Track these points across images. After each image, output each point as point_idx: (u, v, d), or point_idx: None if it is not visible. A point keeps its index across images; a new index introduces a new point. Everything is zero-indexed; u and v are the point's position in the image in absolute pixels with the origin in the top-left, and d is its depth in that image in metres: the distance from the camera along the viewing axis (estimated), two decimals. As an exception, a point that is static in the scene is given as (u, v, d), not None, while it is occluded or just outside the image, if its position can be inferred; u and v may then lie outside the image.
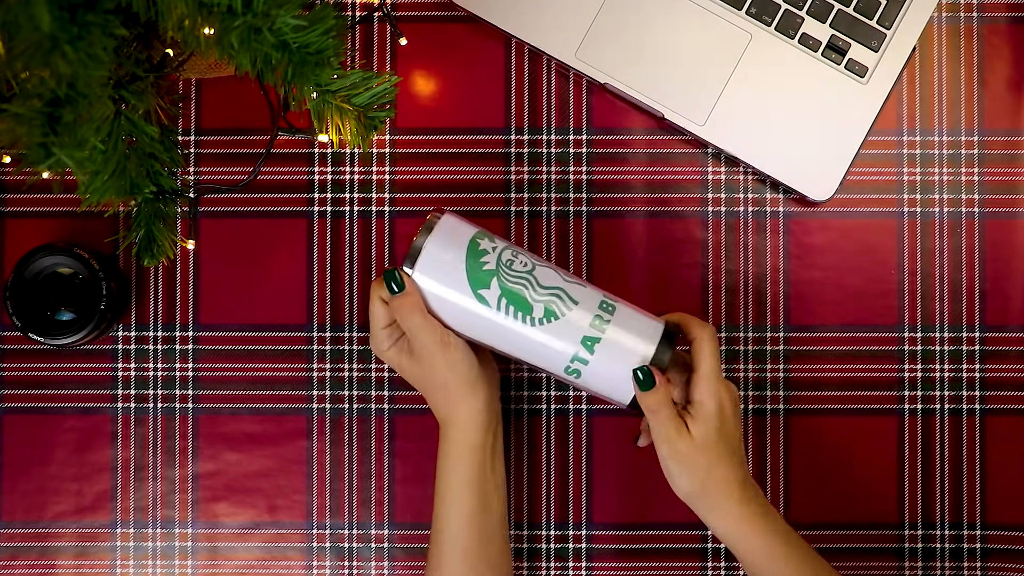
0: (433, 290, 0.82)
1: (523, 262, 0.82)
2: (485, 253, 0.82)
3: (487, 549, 0.87)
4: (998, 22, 0.97)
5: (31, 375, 0.97)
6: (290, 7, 0.68)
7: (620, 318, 0.82)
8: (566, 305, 0.82)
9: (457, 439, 0.86)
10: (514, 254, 0.83)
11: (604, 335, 0.81)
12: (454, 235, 0.83)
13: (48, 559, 0.96)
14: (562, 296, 0.82)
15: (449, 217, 0.84)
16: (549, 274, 0.83)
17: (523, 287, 0.82)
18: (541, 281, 0.82)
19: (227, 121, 0.97)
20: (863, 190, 0.97)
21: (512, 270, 0.82)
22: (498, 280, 0.82)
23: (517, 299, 0.81)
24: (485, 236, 0.83)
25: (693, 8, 0.95)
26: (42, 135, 0.65)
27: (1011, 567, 0.95)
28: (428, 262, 0.82)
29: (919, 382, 0.96)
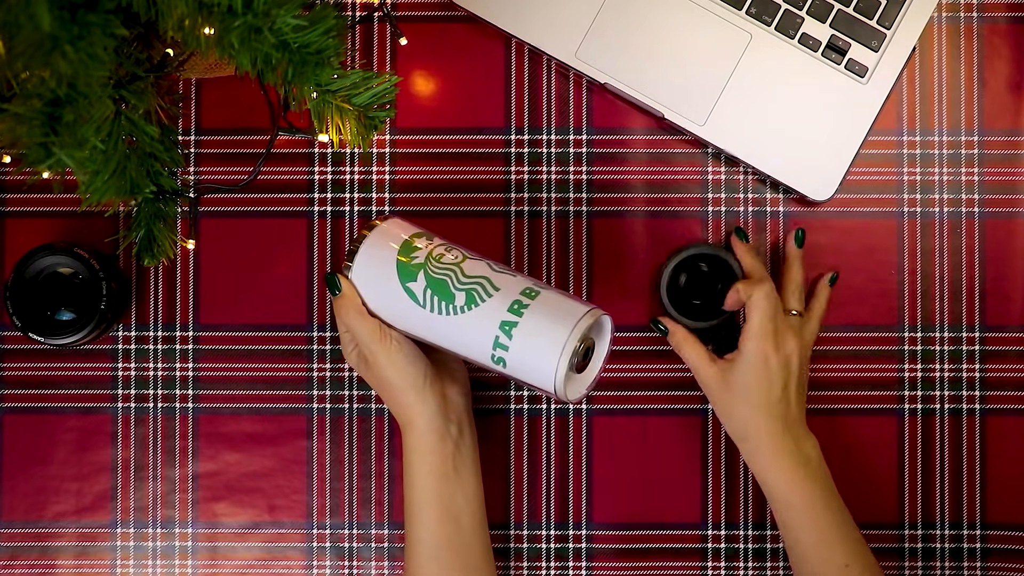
0: (368, 287, 0.84)
1: (455, 256, 0.83)
2: (416, 250, 0.84)
3: (462, 555, 0.87)
4: (998, 22, 0.97)
5: (31, 375, 0.97)
6: (290, 7, 0.68)
7: (541, 302, 0.81)
8: (487, 292, 0.81)
9: (412, 444, 0.86)
10: (447, 250, 0.84)
11: (521, 319, 0.80)
12: (390, 235, 0.85)
13: (48, 559, 0.96)
14: (484, 284, 0.82)
15: (390, 219, 0.86)
16: (478, 266, 0.83)
17: (447, 277, 0.82)
18: (466, 271, 0.82)
19: (227, 121, 0.97)
20: (863, 190, 0.97)
21: (439, 263, 0.83)
22: (424, 272, 0.83)
23: (441, 288, 0.82)
24: (423, 236, 0.85)
25: (693, 8, 0.95)
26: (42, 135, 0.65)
27: (1011, 567, 0.95)
28: (364, 260, 0.84)
29: (919, 382, 0.96)
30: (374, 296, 0.84)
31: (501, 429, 0.96)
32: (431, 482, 0.86)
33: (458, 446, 0.87)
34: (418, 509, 0.86)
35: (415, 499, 0.86)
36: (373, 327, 0.84)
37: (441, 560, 0.86)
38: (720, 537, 0.96)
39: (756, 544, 0.96)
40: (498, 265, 0.84)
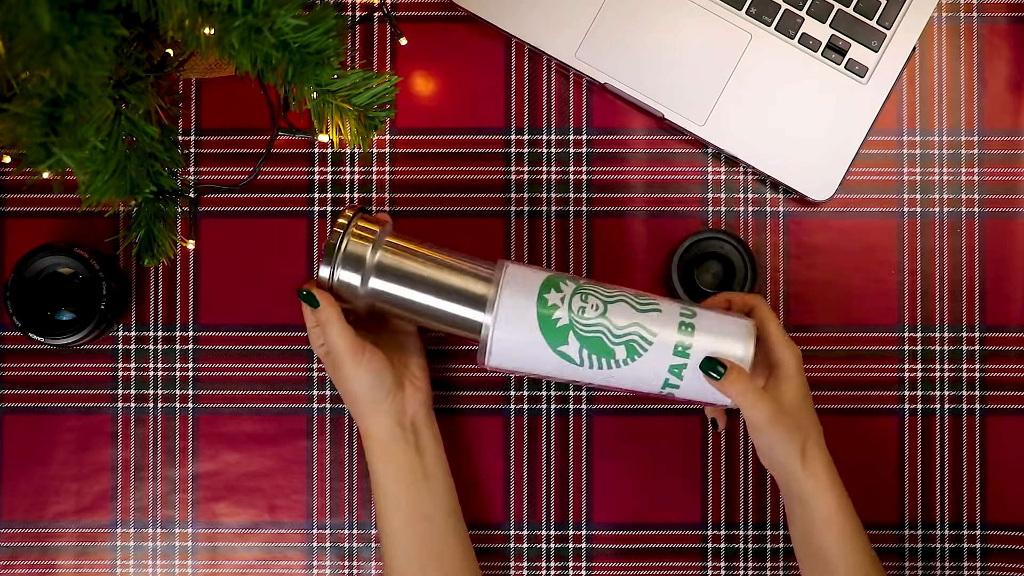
0: (513, 344, 0.82)
1: (594, 305, 0.82)
2: (556, 308, 0.82)
3: (437, 555, 0.87)
4: (998, 22, 0.97)
5: (31, 375, 0.97)
6: (290, 7, 0.68)
7: (701, 337, 0.82)
8: (645, 341, 0.82)
9: (373, 451, 0.88)
10: (583, 299, 0.82)
11: (689, 359, 0.82)
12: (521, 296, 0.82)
13: (48, 559, 0.96)
14: (640, 333, 0.82)
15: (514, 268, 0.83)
16: (622, 311, 0.82)
17: (600, 335, 0.82)
18: (615, 323, 0.82)
19: (227, 121, 0.97)
20: (863, 190, 0.97)
21: (584, 319, 0.82)
22: (574, 334, 0.82)
23: (597, 347, 0.82)
24: (551, 286, 0.83)
25: (693, 8, 0.95)
26: (42, 135, 0.66)
27: (1011, 567, 0.95)
28: (504, 316, 0.82)
29: (919, 382, 0.96)
30: (519, 353, 0.83)
31: (501, 429, 0.96)
32: (396, 487, 0.87)
33: (419, 450, 0.88)
34: (387, 515, 0.87)
35: (384, 506, 0.87)
36: (351, 342, 0.85)
37: (418, 561, 0.87)
38: (720, 537, 0.96)
39: (756, 544, 0.96)
40: (637, 298, 0.83)
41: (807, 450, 0.83)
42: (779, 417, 0.82)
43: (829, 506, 0.83)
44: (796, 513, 0.85)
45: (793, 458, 0.83)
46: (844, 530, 0.83)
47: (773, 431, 0.82)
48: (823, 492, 0.83)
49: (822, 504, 0.83)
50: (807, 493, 0.83)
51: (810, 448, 0.83)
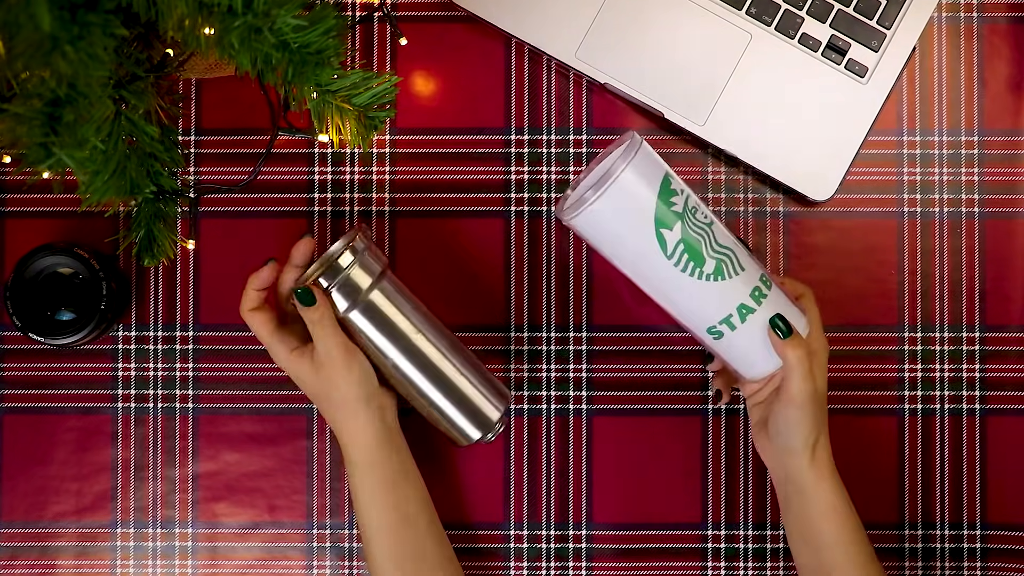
0: (613, 219, 0.78)
1: (704, 214, 0.80)
2: (675, 194, 0.79)
3: (420, 558, 0.87)
4: (998, 22, 0.97)
5: (31, 375, 0.97)
6: (290, 7, 0.68)
7: (775, 296, 0.81)
8: (734, 268, 0.80)
9: (357, 459, 0.86)
10: (697, 203, 0.80)
11: (759, 307, 0.81)
12: (651, 166, 0.78)
13: (48, 559, 0.96)
14: (732, 258, 0.80)
15: (646, 144, 0.80)
16: (724, 232, 0.81)
17: (702, 238, 0.79)
18: (718, 237, 0.80)
19: (227, 121, 0.97)
20: (863, 190, 0.97)
21: (696, 219, 0.79)
22: (682, 225, 0.78)
23: (693, 249, 0.79)
24: (671, 179, 0.80)
25: (693, 8, 0.95)
26: (42, 135, 0.66)
27: (1011, 567, 0.95)
28: (620, 188, 0.77)
29: (919, 382, 0.96)
30: (613, 228, 0.79)
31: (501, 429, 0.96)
32: (379, 489, 0.86)
33: (398, 452, 0.88)
34: (374, 523, 0.86)
35: (366, 508, 0.86)
36: (344, 341, 0.85)
37: (397, 561, 0.86)
38: (720, 537, 0.96)
39: (756, 544, 0.96)
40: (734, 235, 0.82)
41: (819, 442, 0.84)
42: (816, 398, 0.82)
43: (832, 498, 0.84)
44: (794, 503, 0.85)
45: (805, 446, 0.83)
46: (844, 522, 0.84)
47: (805, 410, 0.82)
48: (827, 485, 0.84)
49: (825, 496, 0.84)
50: (810, 484, 0.84)
51: (822, 440, 0.84)
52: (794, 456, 0.84)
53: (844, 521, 0.84)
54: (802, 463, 0.83)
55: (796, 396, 0.82)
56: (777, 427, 0.84)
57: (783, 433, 0.84)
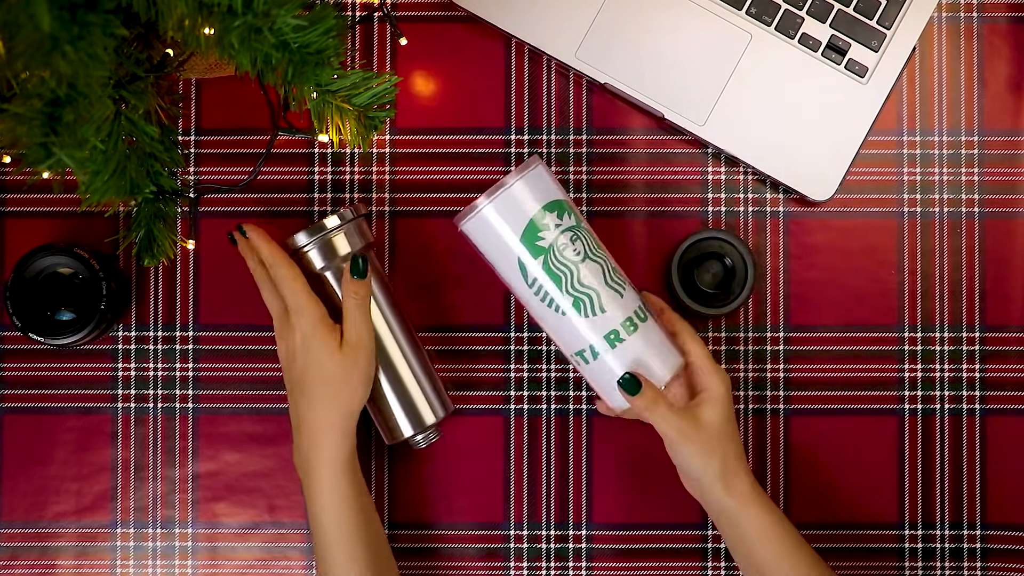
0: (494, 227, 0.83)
1: (576, 251, 0.84)
2: (547, 229, 0.83)
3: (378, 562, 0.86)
4: (998, 22, 0.97)
5: (31, 375, 0.97)
6: (290, 7, 0.68)
7: (638, 339, 0.84)
8: (591, 310, 0.83)
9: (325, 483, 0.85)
10: (572, 240, 0.84)
11: (613, 350, 0.84)
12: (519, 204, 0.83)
13: (48, 559, 0.96)
14: (592, 300, 0.83)
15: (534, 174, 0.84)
16: (593, 272, 0.84)
17: (562, 276, 0.83)
18: (582, 278, 0.83)
19: (227, 121, 0.97)
20: (863, 190, 0.97)
21: (561, 257, 0.83)
22: (544, 260, 0.83)
23: (552, 284, 0.83)
24: (555, 209, 0.84)
25: (693, 8, 0.95)
26: (42, 135, 0.66)
27: (1011, 567, 0.95)
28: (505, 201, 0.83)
29: (919, 382, 0.96)
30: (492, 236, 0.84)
31: (501, 429, 0.96)
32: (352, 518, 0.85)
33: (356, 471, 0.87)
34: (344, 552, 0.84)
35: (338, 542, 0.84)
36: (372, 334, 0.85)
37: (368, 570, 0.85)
38: (720, 537, 0.96)
39: (756, 544, 0.96)
40: (613, 272, 0.85)
41: (727, 467, 0.84)
42: (692, 432, 0.83)
43: (759, 522, 0.84)
44: (726, 530, 0.86)
45: (712, 476, 0.83)
46: (780, 540, 0.84)
47: (686, 446, 0.83)
48: (749, 508, 0.84)
49: (752, 520, 0.84)
50: (732, 511, 0.84)
51: (730, 466, 0.84)
52: (704, 489, 0.85)
53: (779, 539, 0.84)
54: (719, 494, 0.84)
55: (667, 437, 0.84)
56: (679, 468, 0.86)
57: (685, 472, 0.86)
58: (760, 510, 0.84)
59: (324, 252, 0.89)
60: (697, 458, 0.83)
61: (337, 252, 0.89)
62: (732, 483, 0.84)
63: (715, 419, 0.84)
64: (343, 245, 0.89)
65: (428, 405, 0.91)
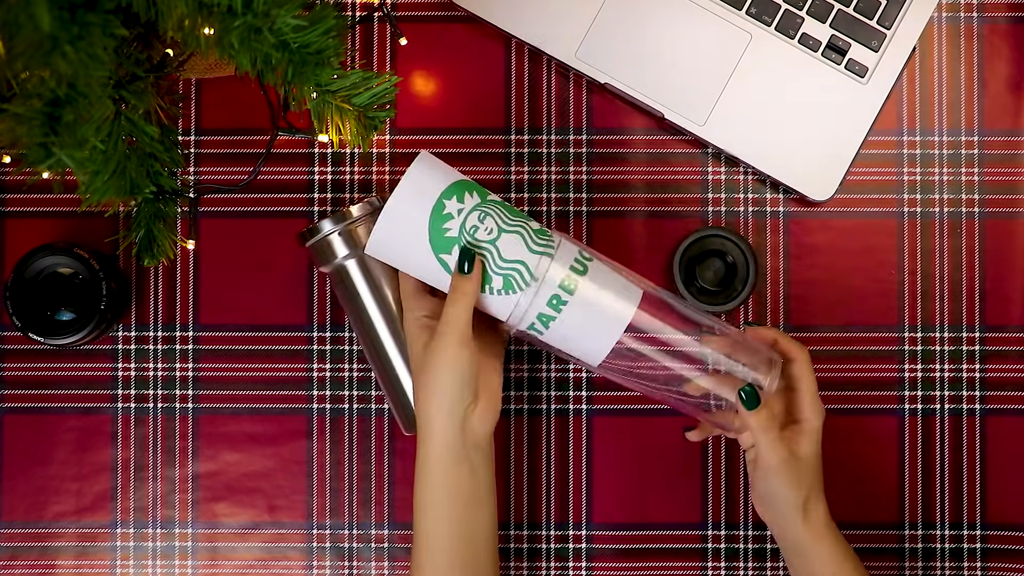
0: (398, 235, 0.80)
1: (488, 229, 0.80)
2: (450, 218, 0.80)
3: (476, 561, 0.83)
4: (998, 22, 0.97)
5: (31, 375, 0.97)
6: (290, 7, 0.68)
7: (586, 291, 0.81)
8: (524, 281, 0.80)
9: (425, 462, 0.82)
10: (481, 219, 0.80)
11: (559, 315, 0.81)
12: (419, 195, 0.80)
13: (48, 559, 0.96)
14: (521, 272, 0.80)
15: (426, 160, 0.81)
16: (514, 243, 0.80)
17: (485, 257, 0.80)
18: (503, 254, 0.80)
19: (227, 121, 0.97)
20: (863, 190, 0.97)
21: (475, 239, 0.80)
22: (459, 248, 0.80)
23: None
24: (454, 194, 0.81)
25: (693, 8, 0.95)
26: (42, 135, 0.66)
27: (1011, 567, 0.95)
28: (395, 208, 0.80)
29: (919, 382, 0.96)
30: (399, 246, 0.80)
31: (501, 429, 0.96)
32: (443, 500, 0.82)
33: (475, 471, 0.82)
34: (427, 524, 0.82)
35: (428, 518, 0.82)
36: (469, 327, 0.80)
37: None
38: (720, 537, 0.96)
39: (756, 544, 0.96)
40: (536, 235, 0.81)
41: (809, 502, 0.83)
42: (790, 463, 0.82)
43: (830, 558, 0.83)
44: (795, 564, 0.85)
45: (794, 509, 0.83)
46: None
47: (781, 476, 0.82)
48: (824, 547, 0.83)
49: (824, 555, 0.83)
50: (806, 546, 0.84)
51: (812, 500, 0.83)
52: (786, 519, 0.84)
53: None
54: (795, 525, 0.84)
55: (768, 463, 0.82)
56: (760, 493, 0.85)
57: (767, 499, 0.84)
58: (833, 546, 0.84)
59: (347, 240, 0.88)
60: (786, 488, 0.83)
61: (360, 241, 0.88)
62: (810, 516, 0.83)
63: (810, 452, 0.83)
64: (366, 235, 0.88)
65: None
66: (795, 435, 0.84)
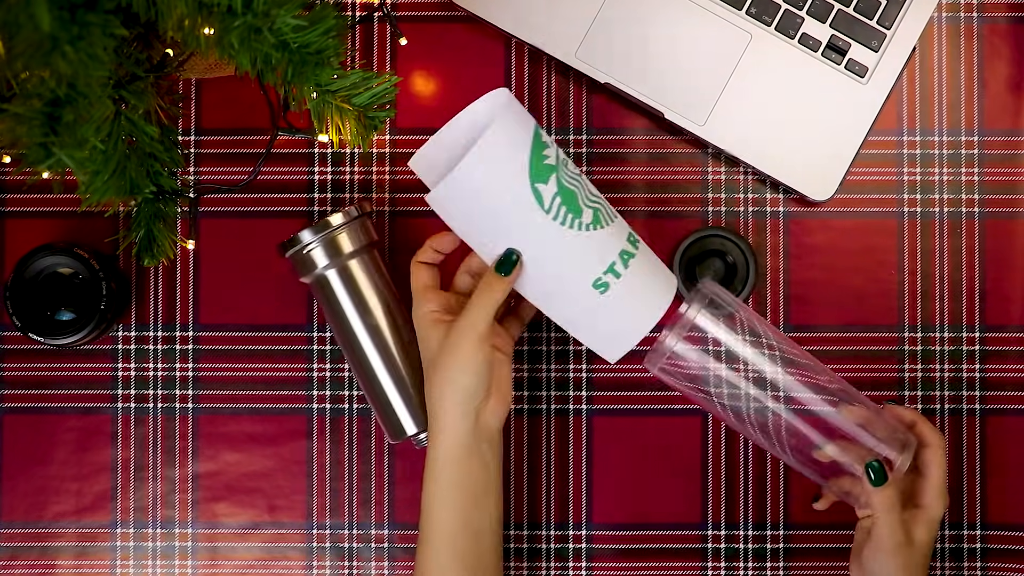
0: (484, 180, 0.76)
1: (573, 165, 0.80)
2: (547, 146, 0.77)
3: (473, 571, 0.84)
4: (998, 22, 0.97)
5: (31, 375, 0.97)
6: (290, 7, 0.68)
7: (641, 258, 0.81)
8: (609, 217, 0.80)
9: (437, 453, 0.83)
10: (566, 155, 0.79)
11: (638, 252, 0.81)
12: (522, 120, 0.77)
13: (48, 559, 0.96)
14: (606, 207, 0.80)
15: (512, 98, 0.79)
16: (590, 184, 0.81)
17: (576, 189, 0.78)
18: (589, 188, 0.80)
19: (227, 121, 0.97)
20: (863, 190, 0.97)
21: (569, 170, 0.78)
22: (556, 177, 0.77)
23: (570, 200, 0.77)
24: (541, 129, 0.79)
25: (693, 8, 0.95)
26: (42, 135, 0.66)
27: (1011, 567, 0.95)
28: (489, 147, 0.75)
29: (919, 382, 0.96)
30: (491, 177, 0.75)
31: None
32: (455, 496, 0.82)
33: (486, 465, 0.83)
34: (436, 518, 0.83)
35: (436, 510, 0.83)
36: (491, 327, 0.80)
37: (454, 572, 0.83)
38: (720, 537, 0.96)
39: (756, 544, 0.96)
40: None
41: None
42: (905, 548, 0.82)
43: None
44: None
45: None
46: None
47: (895, 560, 0.82)
48: None
49: None
50: None
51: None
52: None
53: None
54: None
55: (883, 544, 0.82)
56: (865, 567, 0.84)
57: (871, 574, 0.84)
58: None
59: (329, 250, 0.89)
60: (894, 572, 0.82)
61: (341, 250, 0.89)
62: None
63: (926, 540, 0.83)
64: (347, 243, 0.89)
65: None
66: (915, 520, 0.83)
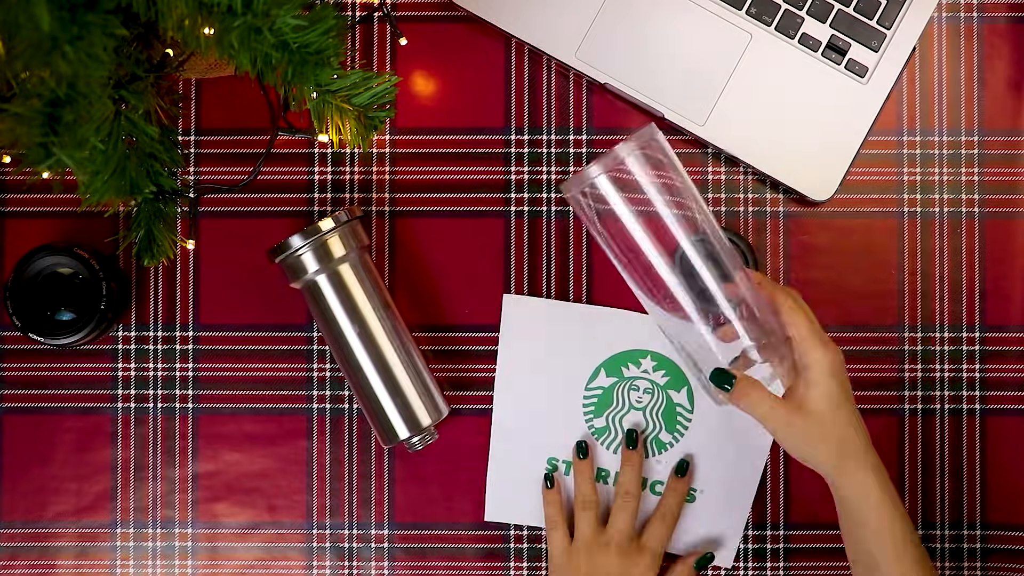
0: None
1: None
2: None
3: None
4: (998, 22, 0.97)
5: (31, 375, 0.97)
6: (290, 7, 0.68)
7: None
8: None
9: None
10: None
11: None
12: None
13: (48, 559, 0.96)
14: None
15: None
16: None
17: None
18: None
19: (227, 121, 0.97)
20: (863, 190, 0.97)
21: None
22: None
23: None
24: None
25: (693, 8, 0.95)
26: (42, 135, 0.66)
27: (1011, 567, 0.95)
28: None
29: (919, 382, 0.96)
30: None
31: (501, 429, 0.96)
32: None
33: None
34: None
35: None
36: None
37: None
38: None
39: (756, 544, 0.96)
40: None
41: (844, 457, 0.77)
42: (797, 420, 0.76)
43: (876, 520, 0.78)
44: (842, 517, 0.80)
45: (827, 465, 0.77)
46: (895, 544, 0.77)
47: (791, 438, 0.77)
48: (868, 505, 0.77)
49: (868, 517, 0.78)
50: (851, 504, 0.78)
51: (849, 454, 0.77)
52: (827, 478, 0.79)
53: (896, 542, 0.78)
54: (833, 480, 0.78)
55: (773, 434, 0.79)
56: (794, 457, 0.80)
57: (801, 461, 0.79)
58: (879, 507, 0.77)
59: (318, 255, 0.89)
60: (806, 447, 0.77)
61: (331, 255, 0.89)
62: (852, 473, 0.77)
63: (822, 403, 0.76)
64: (338, 248, 0.89)
65: (423, 407, 0.91)
66: (800, 388, 0.77)
